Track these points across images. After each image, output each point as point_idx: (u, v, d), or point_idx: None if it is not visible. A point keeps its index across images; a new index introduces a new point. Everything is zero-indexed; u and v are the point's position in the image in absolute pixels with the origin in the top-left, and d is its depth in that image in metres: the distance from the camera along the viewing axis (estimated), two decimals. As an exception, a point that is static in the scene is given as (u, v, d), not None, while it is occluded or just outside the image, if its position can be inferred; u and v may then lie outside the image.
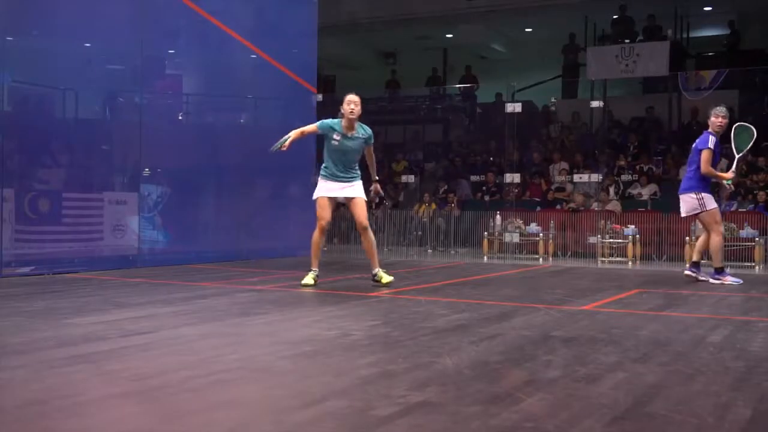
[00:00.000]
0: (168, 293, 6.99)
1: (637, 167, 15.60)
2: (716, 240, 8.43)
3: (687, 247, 11.76)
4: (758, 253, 11.47)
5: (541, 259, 12.61)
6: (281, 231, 12.31)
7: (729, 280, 8.50)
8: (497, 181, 16.05)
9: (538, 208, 14.77)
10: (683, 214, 8.79)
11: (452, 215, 14.11)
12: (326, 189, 7.57)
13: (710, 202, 8.47)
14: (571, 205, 14.44)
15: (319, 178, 7.67)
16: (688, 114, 17.38)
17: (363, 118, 7.77)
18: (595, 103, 17.63)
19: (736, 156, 8.98)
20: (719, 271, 8.57)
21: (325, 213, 7.56)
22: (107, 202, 9.86)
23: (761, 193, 13.26)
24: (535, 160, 16.91)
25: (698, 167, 8.50)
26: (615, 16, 19.07)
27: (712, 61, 18.19)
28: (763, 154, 14.74)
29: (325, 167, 7.64)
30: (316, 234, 7.66)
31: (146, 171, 10.14)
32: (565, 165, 16.06)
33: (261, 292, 7.23)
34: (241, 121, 11.99)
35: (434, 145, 19.68)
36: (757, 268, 11.26)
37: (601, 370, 3.84)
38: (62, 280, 8.12)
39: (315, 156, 13.14)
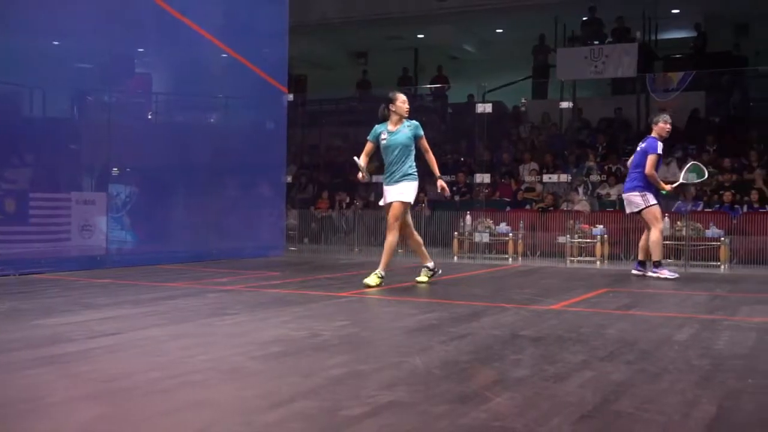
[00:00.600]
0: (136, 294, 6.93)
1: (606, 167, 15.73)
2: (656, 236, 8.97)
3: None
4: (723, 252, 11.61)
5: (510, 259, 12.68)
6: (251, 231, 12.27)
7: (665, 273, 8.96)
8: (468, 181, 16.10)
9: (508, 208, 14.85)
10: (628, 212, 9.39)
11: (423, 215, 14.13)
12: (384, 196, 7.88)
13: (652, 200, 9.05)
14: (541, 205, 14.53)
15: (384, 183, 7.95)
16: (656, 115, 17.54)
17: (333, 118, 7.94)
18: (564, 104, 17.75)
19: (681, 180, 9.52)
20: (657, 265, 9.03)
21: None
22: (75, 202, 9.75)
23: (727, 193, 13.43)
24: (505, 161, 17.00)
25: (644, 169, 8.99)
26: (584, 18, 19.22)
27: (680, 63, 18.38)
28: (728, 156, 14.92)
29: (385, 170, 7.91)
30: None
31: (115, 170, 10.04)
32: (535, 165, 16.16)
33: (231, 292, 7.20)
34: (212, 120, 11.92)
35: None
36: (722, 267, 11.41)
37: (568, 369, 3.87)
38: (29, 280, 8.02)
39: (285, 156, 13.13)
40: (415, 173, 7.85)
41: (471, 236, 13.15)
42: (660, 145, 9.07)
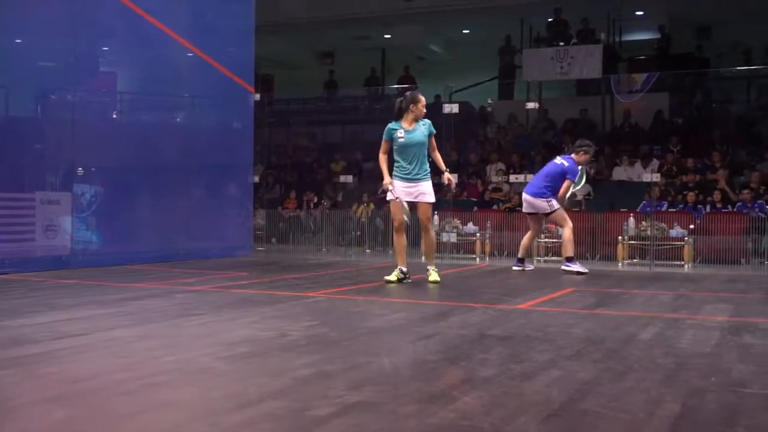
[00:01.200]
0: (102, 294, 6.86)
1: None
2: (567, 233, 9.62)
3: (620, 246, 12.02)
4: (687, 252, 11.76)
5: (477, 259, 12.73)
6: (219, 231, 12.20)
7: (577, 267, 9.51)
8: (435, 181, 16.13)
9: (475, 208, 14.91)
10: (525, 211, 10.08)
11: (389, 214, 14.14)
12: (399, 190, 8.00)
13: (557, 204, 9.68)
14: (508, 205, 14.61)
15: (393, 179, 8.06)
16: (621, 116, 17.75)
17: (300, 118, 7.98)
18: (530, 105, 17.86)
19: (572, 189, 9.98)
20: (569, 260, 9.60)
21: (398, 213, 8.04)
22: (39, 202, 9.63)
23: (690, 193, 13.59)
24: (472, 161, 17.06)
25: (556, 185, 9.68)
26: (550, 19, 19.36)
27: (644, 64, 18.59)
28: (692, 156, 15.12)
29: (397, 167, 8.06)
30: (395, 235, 8.30)
31: (80, 170, 9.93)
32: (501, 165, 16.24)
33: (197, 293, 7.15)
34: (178, 120, 11.83)
35: (373, 146, 19.64)
36: (686, 266, 11.55)
37: (535, 368, 3.90)
38: (-8, 281, 7.91)
39: (253, 155, 13.07)
40: (429, 169, 8.15)
41: (438, 236, 13.18)
42: (577, 174, 9.74)
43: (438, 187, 8.99)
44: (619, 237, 12.06)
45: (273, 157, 19.52)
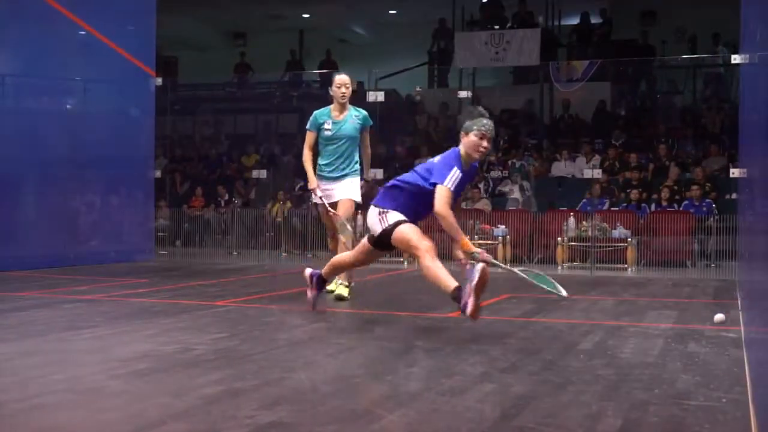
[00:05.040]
0: (-21, 305, 6.68)
1: (508, 163, 16.07)
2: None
3: (559, 248, 12.23)
4: (630, 254, 12.01)
5: (406, 263, 12.80)
6: (115, 233, 11.99)
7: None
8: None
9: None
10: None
11: (309, 214, 14.12)
12: (322, 191, 7.51)
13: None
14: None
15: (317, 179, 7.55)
16: (560, 106, 18.06)
17: (208, 105, 7.76)
18: (463, 93, 18.02)
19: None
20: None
21: (329, 222, 7.60)
22: None
23: (634, 191, 13.90)
24: (400, 154, 17.14)
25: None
26: (484, 0, 19.57)
27: (584, 50, 18.93)
28: (635, 150, 15.47)
29: (320, 163, 7.56)
30: (330, 242, 7.82)
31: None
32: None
33: (90, 302, 7.02)
34: (67, 106, 11.56)
35: (289, 137, 19.58)
36: (629, 270, 11.82)
37: (467, 382, 3.94)
38: None
39: (154, 147, 12.88)
40: (359, 166, 7.67)
41: (362, 238, 13.19)
42: (457, 174, 5.63)
43: None
44: (559, 238, 12.27)
45: (177, 150, 19.25)
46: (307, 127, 7.60)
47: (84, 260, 10.92)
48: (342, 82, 7.53)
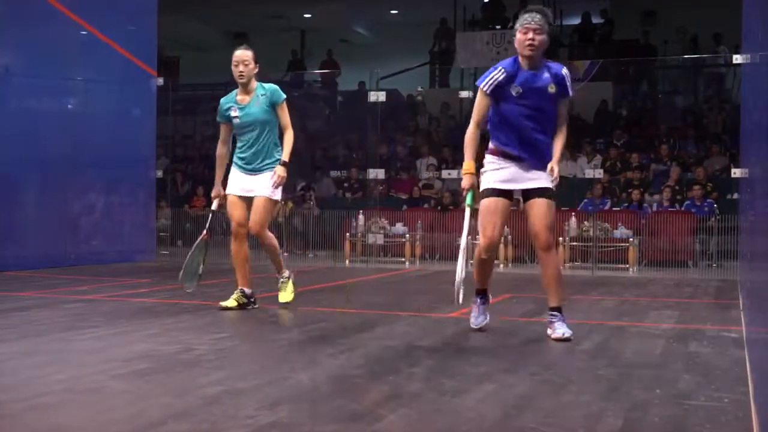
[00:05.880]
0: (-20, 305, 6.68)
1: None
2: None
3: (560, 248, 12.21)
4: (632, 254, 12.01)
5: (407, 263, 12.79)
6: (116, 233, 11.98)
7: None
8: (360, 177, 16.17)
9: (405, 207, 14.98)
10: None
11: (311, 215, 14.12)
12: (233, 184, 6.57)
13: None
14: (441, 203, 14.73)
15: (232, 170, 6.63)
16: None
17: (209, 105, 7.35)
18: (464, 93, 17.99)
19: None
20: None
21: (235, 212, 6.56)
22: None
23: (635, 191, 13.89)
24: (400, 155, 17.14)
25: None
26: (486, 0, 19.57)
27: (585, 50, 18.93)
28: (637, 151, 15.46)
29: (235, 157, 6.61)
30: (232, 243, 6.65)
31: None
32: (433, 160, 16.36)
33: (91, 302, 7.03)
34: (69, 106, 11.56)
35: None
36: (631, 270, 11.82)
37: (468, 382, 3.94)
38: None
39: (155, 147, 12.88)
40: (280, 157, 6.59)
41: (364, 238, 13.21)
42: (499, 73, 5.29)
43: None
44: (560, 238, 12.25)
45: (178, 150, 19.24)
46: (217, 118, 6.68)
47: (85, 260, 10.92)
48: (239, 59, 6.56)
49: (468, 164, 5.32)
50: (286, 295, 6.76)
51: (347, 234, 13.33)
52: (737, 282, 9.27)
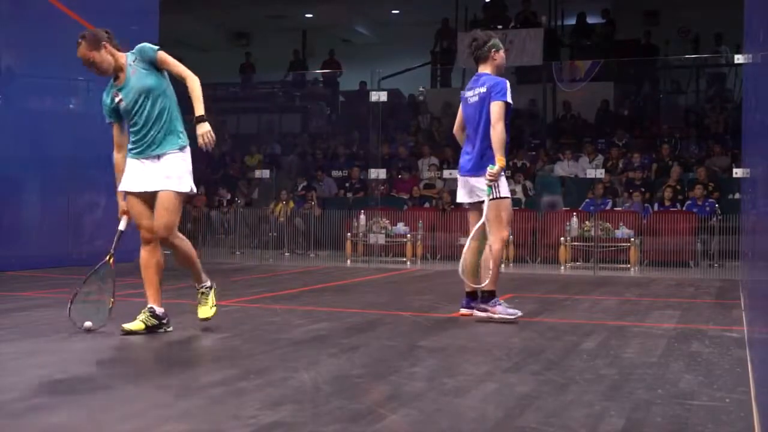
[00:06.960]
0: (-18, 305, 6.68)
1: (510, 162, 16.03)
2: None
3: (562, 248, 12.21)
4: (633, 254, 12.01)
5: (408, 263, 12.79)
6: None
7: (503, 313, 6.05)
8: (361, 177, 16.17)
9: (406, 207, 14.98)
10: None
11: (312, 214, 14.12)
12: (130, 179, 5.44)
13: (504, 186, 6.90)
14: (442, 203, 14.72)
15: (128, 161, 5.46)
16: (562, 106, 18.04)
17: (211, 105, 6.76)
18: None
19: None
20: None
21: (139, 215, 5.55)
22: None
23: (636, 192, 13.87)
24: (402, 154, 17.14)
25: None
26: (487, 0, 19.57)
27: (587, 51, 18.92)
28: (638, 151, 15.45)
29: (129, 147, 5.48)
30: (141, 250, 5.70)
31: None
32: (434, 160, 16.35)
33: (92, 302, 7.00)
34: (71, 106, 11.56)
35: (292, 137, 19.61)
36: (632, 270, 11.81)
37: (470, 382, 3.94)
38: None
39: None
40: (185, 135, 5.56)
41: (365, 238, 13.20)
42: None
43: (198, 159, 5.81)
44: (562, 238, 12.25)
45: (180, 150, 19.26)
46: (106, 120, 5.62)
47: (87, 260, 10.90)
48: (84, 62, 5.66)
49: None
50: (205, 309, 5.54)
51: (349, 234, 13.33)
52: (739, 282, 9.27)
